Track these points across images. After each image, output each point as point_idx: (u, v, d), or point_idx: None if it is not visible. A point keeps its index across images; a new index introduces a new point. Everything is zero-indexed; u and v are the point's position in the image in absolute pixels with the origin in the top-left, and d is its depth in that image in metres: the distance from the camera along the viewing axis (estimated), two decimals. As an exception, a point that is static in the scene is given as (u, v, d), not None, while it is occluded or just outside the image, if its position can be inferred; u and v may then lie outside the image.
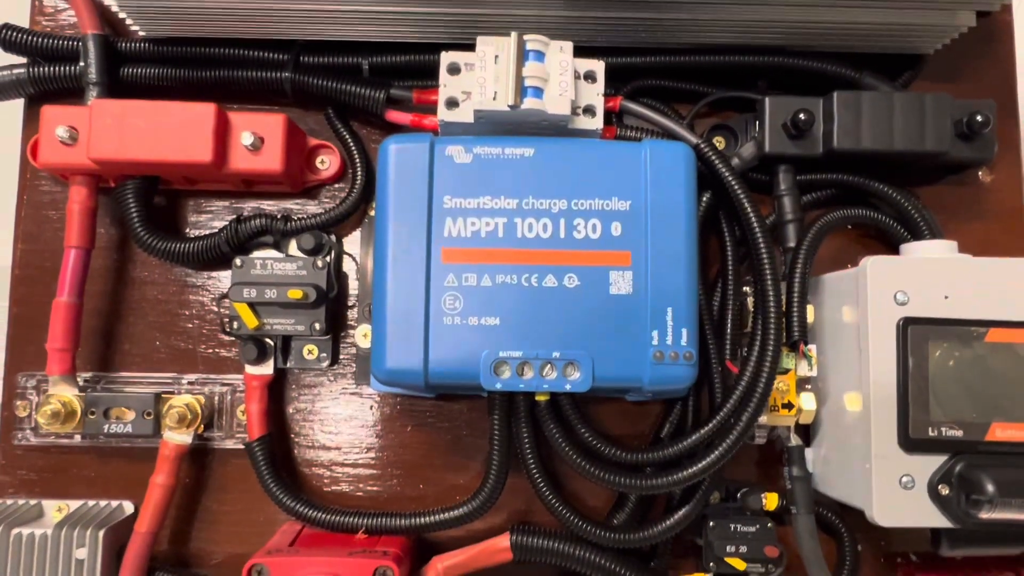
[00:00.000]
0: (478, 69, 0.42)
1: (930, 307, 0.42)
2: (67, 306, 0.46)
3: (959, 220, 0.52)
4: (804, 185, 0.50)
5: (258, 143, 0.46)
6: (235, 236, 0.48)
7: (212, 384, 0.49)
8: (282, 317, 0.47)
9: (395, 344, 0.41)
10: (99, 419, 0.47)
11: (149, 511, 0.46)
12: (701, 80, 0.51)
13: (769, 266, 0.44)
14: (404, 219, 0.41)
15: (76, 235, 0.46)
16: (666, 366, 0.41)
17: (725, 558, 0.46)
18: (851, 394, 0.44)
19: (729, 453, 0.43)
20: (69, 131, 0.45)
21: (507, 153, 0.42)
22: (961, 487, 0.40)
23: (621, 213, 0.42)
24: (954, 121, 0.47)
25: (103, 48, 0.47)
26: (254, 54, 0.49)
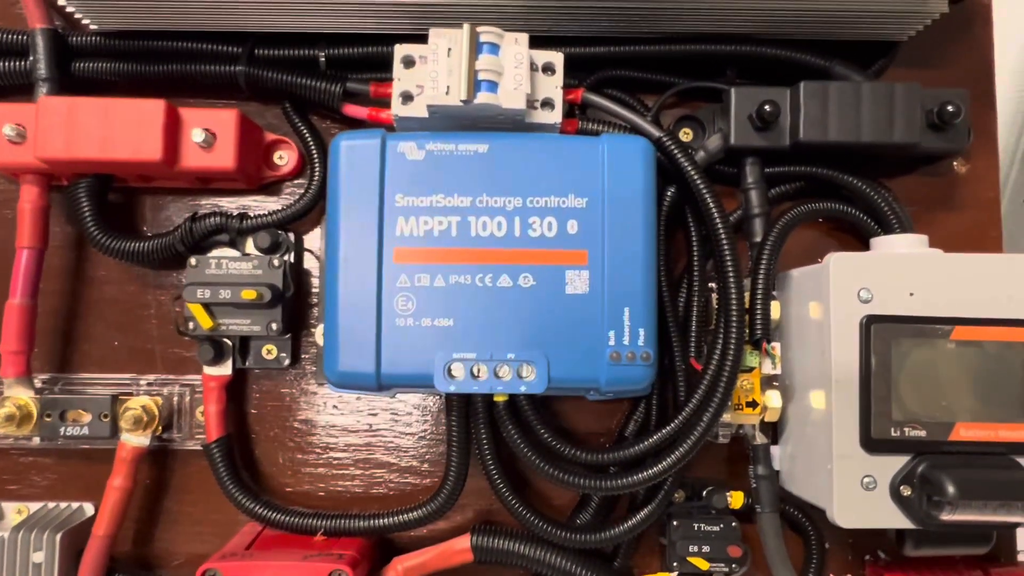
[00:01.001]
0: (431, 62, 0.41)
1: (895, 304, 0.41)
2: (20, 307, 0.45)
3: (934, 212, 0.51)
4: (772, 178, 0.49)
5: (210, 140, 0.45)
6: (189, 235, 0.47)
7: (171, 385, 0.49)
8: (238, 317, 0.46)
9: (347, 346, 0.40)
10: (55, 422, 0.46)
11: (107, 514, 0.45)
12: (668, 70, 0.50)
13: (731, 263, 0.43)
14: (355, 218, 0.41)
15: (28, 235, 0.46)
16: (623, 367, 0.40)
17: (688, 558, 0.46)
18: (815, 392, 0.43)
19: (690, 453, 0.42)
20: (16, 129, 0.44)
21: (460, 149, 0.41)
22: (923, 488, 0.40)
23: (577, 211, 0.41)
24: (925, 111, 0.46)
25: (52, 43, 0.46)
26: (207, 47, 0.47)
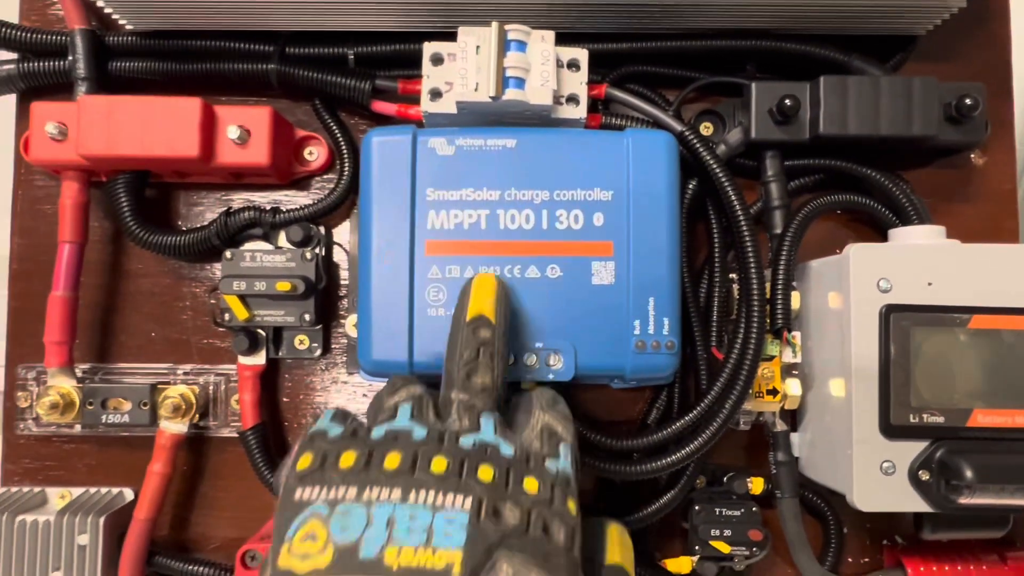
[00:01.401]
0: (459, 60, 0.42)
1: (913, 294, 0.42)
2: (63, 300, 0.47)
3: (951, 204, 0.52)
4: (792, 171, 0.50)
5: (245, 136, 0.46)
6: (224, 229, 0.48)
7: (207, 374, 0.50)
8: (272, 308, 0.48)
9: (380, 336, 0.41)
10: (97, 410, 0.48)
11: (147, 498, 0.47)
12: (689, 65, 0.51)
13: (753, 254, 0.44)
14: (387, 212, 0.42)
15: (69, 230, 0.47)
16: (648, 355, 0.41)
17: (710, 541, 0.47)
18: (835, 380, 0.44)
19: (713, 439, 0.44)
20: (59, 127, 0.46)
21: (489, 144, 0.42)
22: (941, 473, 0.41)
23: (603, 203, 0.42)
24: (943, 104, 0.46)
25: (90, 43, 0.48)
26: (240, 46, 0.49)
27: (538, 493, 0.27)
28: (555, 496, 0.27)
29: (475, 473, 0.27)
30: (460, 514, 0.25)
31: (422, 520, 0.25)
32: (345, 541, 0.25)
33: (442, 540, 0.25)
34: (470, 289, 0.36)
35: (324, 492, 0.26)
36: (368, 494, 0.26)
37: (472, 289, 0.36)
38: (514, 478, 0.27)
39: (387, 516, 0.25)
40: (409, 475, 0.26)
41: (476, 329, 0.33)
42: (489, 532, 0.25)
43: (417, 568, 0.24)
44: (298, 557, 0.25)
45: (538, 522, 0.26)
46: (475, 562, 0.24)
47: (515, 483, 0.27)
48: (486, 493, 0.26)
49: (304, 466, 0.27)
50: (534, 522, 0.26)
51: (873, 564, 0.51)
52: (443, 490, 0.26)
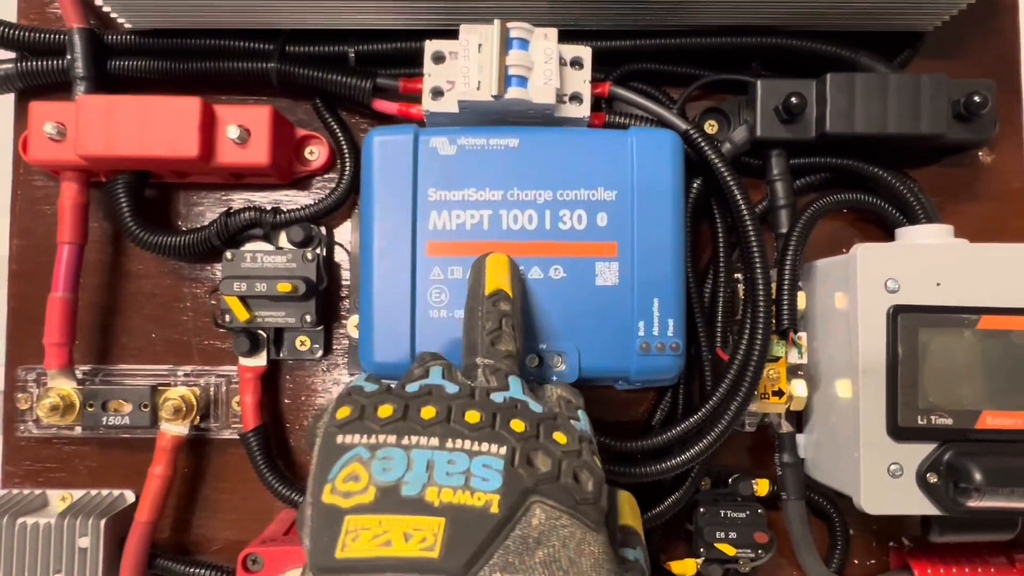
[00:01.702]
0: (461, 58, 0.42)
1: (921, 294, 0.41)
2: (62, 301, 0.47)
3: (958, 202, 0.51)
4: (797, 169, 0.49)
5: (244, 136, 0.46)
6: (225, 229, 0.48)
7: (208, 376, 0.50)
8: (273, 310, 0.47)
9: (382, 338, 0.41)
10: (97, 411, 0.48)
11: (148, 501, 0.47)
12: (694, 63, 0.50)
13: (758, 254, 0.44)
14: (389, 213, 0.41)
15: (68, 231, 0.47)
16: (652, 357, 0.41)
17: (715, 544, 0.46)
18: (842, 381, 0.44)
19: (718, 441, 0.43)
20: (57, 127, 0.45)
21: (491, 144, 0.42)
22: (949, 475, 0.40)
23: (607, 203, 0.42)
24: (951, 102, 0.46)
25: (89, 42, 0.47)
26: (239, 44, 0.48)
27: (567, 444, 0.29)
28: (583, 449, 0.29)
29: (507, 424, 0.28)
30: (495, 460, 0.27)
31: (460, 464, 0.27)
32: (387, 481, 0.26)
33: (479, 483, 0.26)
34: (484, 265, 0.37)
35: (364, 438, 0.28)
36: (407, 440, 0.27)
37: (487, 265, 0.37)
38: (544, 431, 0.29)
39: (426, 460, 0.27)
40: (445, 424, 0.28)
41: (496, 302, 0.35)
42: (523, 477, 0.27)
43: (458, 505, 0.25)
44: (341, 495, 0.26)
45: (568, 471, 0.28)
46: (511, 503, 0.26)
47: (545, 435, 0.28)
48: (519, 443, 0.28)
49: (343, 415, 0.28)
50: (565, 470, 0.28)
51: (879, 566, 0.50)
52: (478, 439, 0.27)
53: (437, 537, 0.25)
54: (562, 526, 0.26)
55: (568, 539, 0.26)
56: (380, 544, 0.25)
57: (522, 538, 0.26)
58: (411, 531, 0.25)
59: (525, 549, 0.25)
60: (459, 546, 0.25)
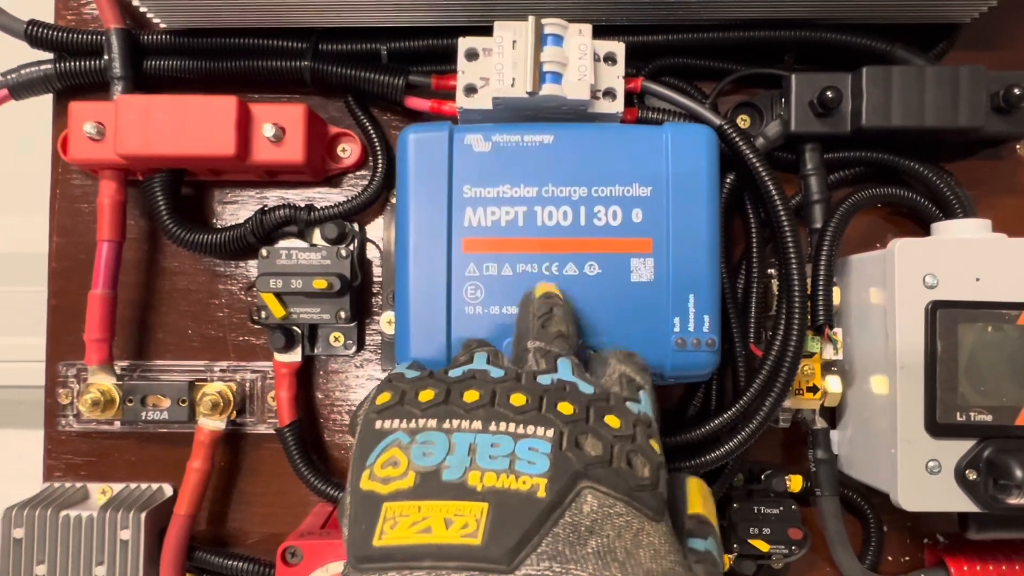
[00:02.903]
0: (495, 55, 0.42)
1: (960, 290, 0.41)
2: (102, 298, 0.47)
3: (995, 196, 0.51)
4: (831, 164, 0.49)
5: (279, 134, 0.46)
6: (260, 227, 0.48)
7: (243, 371, 0.51)
8: (308, 306, 0.48)
9: (418, 334, 0.41)
10: (137, 407, 0.48)
11: (187, 494, 0.47)
12: (726, 57, 0.50)
13: (794, 248, 0.44)
14: (424, 210, 0.42)
15: (107, 229, 0.48)
16: (688, 353, 0.41)
17: (749, 540, 0.46)
18: (878, 377, 0.44)
19: (752, 438, 0.43)
20: (96, 127, 0.46)
21: (526, 140, 0.42)
22: (989, 472, 0.40)
23: (642, 199, 0.41)
24: (990, 94, 0.45)
25: (126, 42, 0.48)
26: (273, 43, 0.49)
27: (620, 428, 0.27)
28: (637, 434, 0.27)
29: (555, 407, 0.27)
30: (542, 443, 0.25)
31: (504, 447, 0.25)
32: (427, 466, 0.25)
33: (525, 467, 0.25)
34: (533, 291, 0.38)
35: (404, 423, 0.26)
36: (449, 424, 0.26)
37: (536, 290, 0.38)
38: (595, 414, 0.27)
39: (468, 443, 0.25)
40: (489, 407, 0.27)
41: (547, 298, 0.35)
42: (572, 460, 0.25)
43: (502, 490, 0.24)
44: (379, 481, 0.25)
45: (621, 455, 0.26)
46: (560, 487, 0.24)
47: (596, 418, 0.27)
48: (567, 426, 0.26)
49: (383, 401, 0.28)
50: (617, 455, 0.26)
51: (914, 563, 0.50)
52: (523, 422, 0.26)
53: (480, 523, 0.23)
54: (617, 514, 0.25)
55: (624, 528, 0.24)
56: (419, 531, 0.23)
57: (572, 526, 0.24)
58: (452, 517, 0.24)
59: (576, 538, 0.24)
60: (503, 532, 0.23)
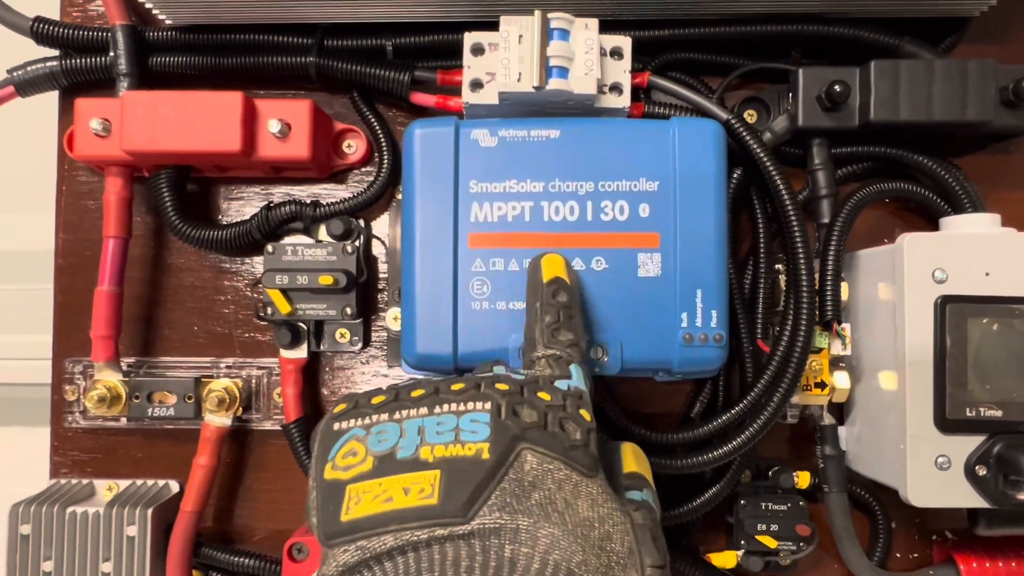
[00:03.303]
0: (502, 50, 0.42)
1: (970, 284, 0.41)
2: (108, 294, 0.47)
3: (1004, 191, 0.51)
4: (839, 158, 0.48)
5: (285, 130, 0.46)
6: (266, 223, 0.48)
7: (249, 368, 0.51)
8: (314, 302, 0.48)
9: (424, 330, 0.41)
10: (143, 403, 0.48)
11: (194, 491, 0.47)
12: (732, 51, 0.50)
13: (801, 243, 0.43)
14: (431, 205, 0.41)
15: (113, 225, 0.48)
16: (695, 348, 0.41)
17: (756, 536, 0.46)
18: (886, 373, 0.43)
19: (760, 434, 0.43)
20: (102, 123, 0.46)
21: (532, 135, 0.42)
22: (999, 468, 0.40)
23: (649, 194, 0.41)
24: (999, 88, 0.45)
25: (131, 38, 0.48)
26: (278, 39, 0.49)
27: (551, 400, 0.29)
28: (568, 404, 0.30)
29: (492, 386, 0.30)
30: (482, 415, 0.28)
31: (448, 424, 0.28)
32: (383, 450, 0.27)
33: (469, 436, 0.27)
34: (540, 264, 0.37)
35: (359, 421, 0.29)
36: (399, 415, 0.29)
37: (542, 262, 0.37)
38: (528, 391, 0.30)
39: (417, 427, 0.28)
40: (433, 396, 0.29)
41: (556, 292, 0.35)
42: (510, 426, 0.28)
43: (451, 457, 0.27)
44: (341, 469, 0.27)
45: (555, 421, 0.28)
46: (501, 448, 0.27)
47: (530, 393, 0.30)
48: (504, 398, 0.29)
49: (340, 409, 0.30)
50: (551, 421, 0.28)
51: (923, 559, 0.50)
52: (463, 400, 0.29)
53: (434, 487, 0.26)
54: (555, 470, 0.27)
55: (564, 482, 0.27)
56: (382, 502, 0.26)
57: (517, 481, 0.26)
58: (409, 486, 0.26)
59: (521, 491, 0.26)
60: (456, 491, 0.26)
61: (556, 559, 0.25)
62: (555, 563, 0.25)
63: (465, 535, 0.25)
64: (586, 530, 0.26)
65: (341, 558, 0.25)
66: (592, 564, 0.26)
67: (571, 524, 0.26)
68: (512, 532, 0.25)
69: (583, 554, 0.25)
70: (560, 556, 0.25)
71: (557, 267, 0.37)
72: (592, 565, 0.25)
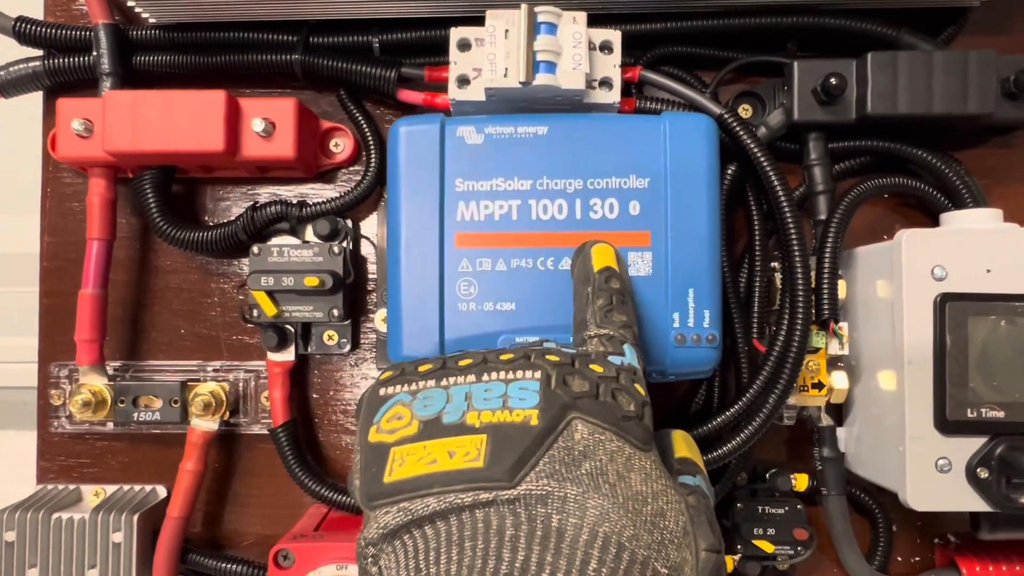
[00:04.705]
0: (488, 45, 0.41)
1: (970, 282, 0.40)
2: (92, 297, 0.47)
3: (1007, 185, 0.49)
4: (836, 153, 0.47)
5: (270, 129, 0.45)
6: (251, 224, 0.47)
7: (236, 371, 0.50)
8: (300, 304, 0.47)
9: (410, 331, 0.40)
10: (128, 407, 0.48)
11: (180, 496, 0.47)
12: (727, 45, 0.48)
13: (797, 241, 0.42)
14: (416, 204, 0.41)
15: (97, 227, 0.47)
16: (688, 349, 0.40)
17: (753, 540, 0.45)
18: (885, 373, 0.42)
19: (756, 435, 0.42)
20: (84, 124, 0.45)
21: (520, 132, 0.41)
22: (1001, 470, 0.39)
23: (639, 191, 0.40)
24: (1000, 80, 0.44)
25: (114, 37, 0.47)
26: (263, 37, 0.48)
27: (603, 372, 0.29)
28: (621, 377, 0.29)
29: (542, 356, 0.29)
30: (532, 383, 0.27)
31: (497, 391, 0.27)
32: (429, 415, 0.27)
33: (518, 403, 0.27)
34: (590, 251, 0.36)
35: (406, 386, 0.29)
36: (446, 382, 0.29)
37: (593, 251, 0.36)
38: (579, 363, 0.29)
39: (464, 393, 0.28)
40: (482, 365, 0.29)
41: (608, 279, 0.34)
42: (561, 395, 0.27)
43: (498, 423, 0.26)
44: (386, 432, 0.27)
45: (607, 392, 0.28)
46: (551, 416, 0.26)
47: (581, 365, 0.29)
48: (554, 368, 0.28)
49: (386, 376, 0.30)
50: (603, 392, 0.28)
51: (924, 563, 0.49)
52: (513, 368, 0.28)
53: (480, 450, 0.25)
54: (607, 441, 0.26)
55: (616, 453, 0.26)
56: (426, 464, 0.25)
57: (567, 449, 0.26)
58: (455, 449, 0.26)
59: (571, 460, 0.25)
60: (503, 455, 0.25)
61: (606, 531, 0.24)
62: (604, 535, 0.24)
63: (510, 500, 0.24)
64: (638, 504, 0.25)
65: (383, 519, 0.25)
66: (644, 540, 0.25)
67: (622, 497, 0.25)
68: (560, 500, 0.24)
69: (634, 528, 0.25)
70: (610, 528, 0.24)
71: (607, 256, 0.36)
72: (644, 541, 0.25)
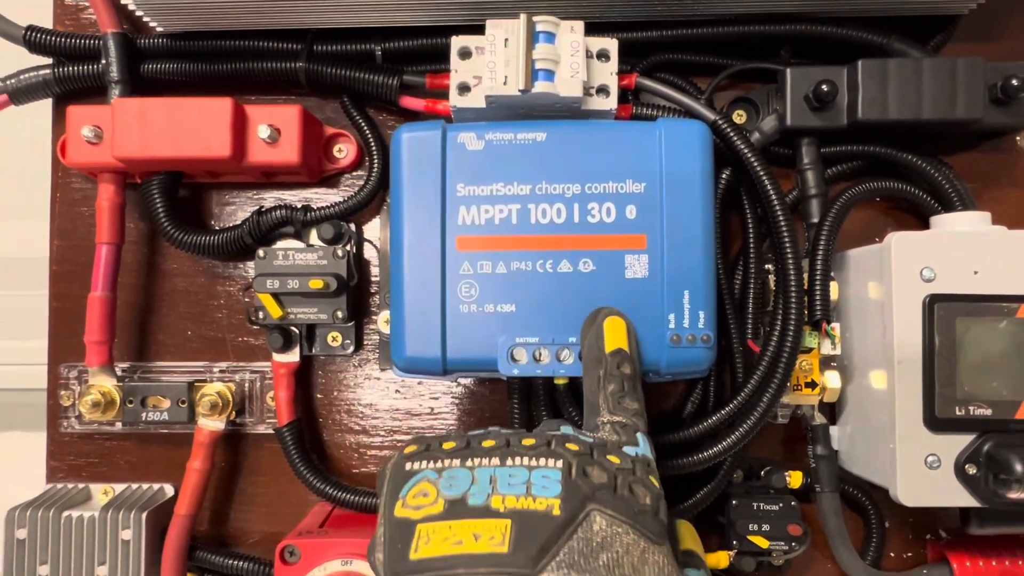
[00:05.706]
0: (488, 53, 0.42)
1: (958, 283, 0.41)
2: (101, 300, 0.48)
3: (996, 188, 0.50)
4: (828, 158, 0.48)
5: (275, 135, 0.46)
6: (257, 228, 0.49)
7: (242, 372, 0.51)
8: (305, 306, 0.48)
9: (413, 333, 0.41)
10: (137, 407, 0.49)
11: (188, 494, 0.48)
12: (721, 52, 0.50)
13: (790, 244, 0.43)
14: (418, 208, 0.42)
15: (106, 231, 0.48)
16: (683, 349, 0.41)
17: (748, 536, 0.46)
18: (877, 372, 0.43)
19: (750, 434, 0.43)
20: (94, 130, 0.46)
21: (519, 138, 0.42)
22: (989, 467, 0.40)
23: (636, 195, 0.41)
24: (988, 86, 0.45)
25: (123, 46, 0.48)
26: (268, 45, 0.49)
27: (620, 463, 0.30)
28: (637, 468, 0.30)
29: (563, 445, 0.30)
30: (554, 472, 0.29)
31: (521, 477, 0.29)
32: (454, 495, 0.28)
33: (540, 491, 0.28)
34: (602, 326, 0.37)
35: (432, 464, 0.30)
36: (471, 463, 0.30)
37: (605, 328, 0.38)
38: (598, 453, 0.30)
39: (489, 476, 0.29)
40: (505, 448, 0.30)
41: (620, 364, 0.36)
42: (581, 486, 0.28)
43: (522, 509, 0.27)
44: (412, 508, 0.28)
45: (624, 484, 0.29)
46: (572, 507, 0.27)
47: (599, 455, 0.30)
48: (575, 458, 0.29)
49: (411, 450, 0.31)
50: (620, 484, 0.29)
51: (916, 559, 0.50)
52: (536, 455, 0.30)
53: (505, 536, 0.26)
54: (624, 534, 0.27)
55: (631, 547, 0.27)
56: (452, 544, 0.26)
57: (586, 540, 0.27)
58: (480, 532, 0.27)
59: (590, 551, 0.26)
60: (527, 542, 0.26)
61: None
62: None
63: None
64: None
65: None
66: None
67: None
68: None
69: None
70: None
71: (619, 335, 0.37)
72: None
